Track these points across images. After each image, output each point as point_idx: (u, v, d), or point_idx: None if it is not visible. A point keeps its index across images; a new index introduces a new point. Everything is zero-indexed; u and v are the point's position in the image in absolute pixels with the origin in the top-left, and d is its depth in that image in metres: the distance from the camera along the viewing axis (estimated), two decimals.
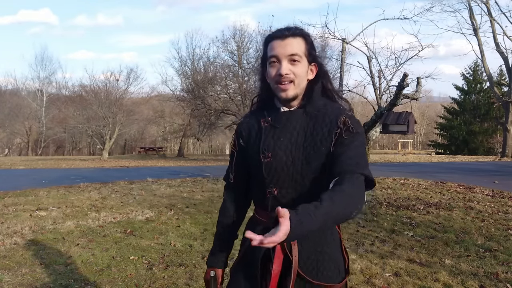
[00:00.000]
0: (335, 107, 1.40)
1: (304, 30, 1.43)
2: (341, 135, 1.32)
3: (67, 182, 10.90)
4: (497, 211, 6.65)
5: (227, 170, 1.59)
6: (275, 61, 1.36)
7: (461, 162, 19.86)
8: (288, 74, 1.34)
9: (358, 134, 1.34)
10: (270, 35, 1.40)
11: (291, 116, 1.40)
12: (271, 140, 1.40)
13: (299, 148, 1.36)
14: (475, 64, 34.61)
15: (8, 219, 5.95)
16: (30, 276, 3.64)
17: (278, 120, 1.41)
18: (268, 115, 1.43)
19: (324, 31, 8.76)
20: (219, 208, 1.69)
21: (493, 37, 22.76)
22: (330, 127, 1.34)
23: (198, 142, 41.21)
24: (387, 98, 8.57)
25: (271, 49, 1.37)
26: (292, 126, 1.38)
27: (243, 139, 1.50)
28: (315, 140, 1.35)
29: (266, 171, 1.39)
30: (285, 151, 1.37)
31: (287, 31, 1.37)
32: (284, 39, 1.35)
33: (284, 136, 1.38)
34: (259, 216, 1.47)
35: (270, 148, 1.39)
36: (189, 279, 3.64)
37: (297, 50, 1.35)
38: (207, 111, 25.66)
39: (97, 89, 30.25)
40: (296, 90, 1.37)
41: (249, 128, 1.48)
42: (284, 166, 1.37)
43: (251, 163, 1.46)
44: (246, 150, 1.48)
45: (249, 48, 24.87)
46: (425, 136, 49.23)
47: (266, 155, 1.39)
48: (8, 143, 42.87)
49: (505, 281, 3.59)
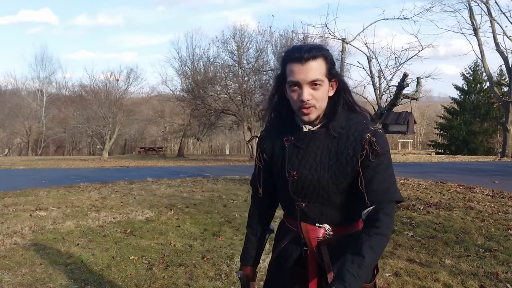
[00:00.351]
0: (357, 121, 1.39)
1: (324, 47, 1.38)
2: (368, 157, 1.32)
3: (67, 182, 10.90)
4: (497, 211, 6.65)
5: (253, 176, 1.61)
6: (296, 86, 1.34)
7: (461, 162, 19.86)
8: (310, 100, 1.32)
9: (384, 155, 1.34)
10: (289, 56, 1.35)
11: (314, 136, 1.39)
12: (295, 159, 1.41)
13: (324, 167, 1.37)
14: (475, 64, 34.60)
15: (8, 219, 5.95)
16: (30, 276, 3.64)
17: (301, 140, 1.41)
18: (290, 133, 1.43)
19: (324, 31, 8.77)
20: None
21: (493, 37, 22.75)
22: (355, 146, 1.34)
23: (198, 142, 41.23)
24: (387, 98, 8.57)
25: (291, 74, 1.33)
26: (316, 146, 1.39)
27: (267, 155, 1.51)
28: (340, 159, 1.36)
29: (292, 188, 1.41)
30: (310, 170, 1.38)
31: (307, 54, 1.31)
32: (304, 64, 1.31)
33: (308, 155, 1.39)
34: (290, 224, 1.51)
35: (295, 167, 1.40)
36: (189, 279, 3.64)
37: (319, 75, 1.32)
38: (207, 111, 25.67)
39: (97, 89, 30.27)
40: (318, 112, 1.37)
41: (272, 144, 1.48)
42: (310, 185, 1.39)
43: (277, 178, 1.49)
44: (270, 164, 1.51)
45: (249, 48, 24.90)
46: (425, 136, 49.22)
47: (291, 174, 1.41)
48: (8, 143, 42.87)
49: (505, 281, 3.58)
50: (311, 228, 1.42)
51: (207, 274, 3.73)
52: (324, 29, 8.65)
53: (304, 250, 1.44)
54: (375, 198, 1.31)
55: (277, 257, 1.53)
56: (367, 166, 1.33)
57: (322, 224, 1.42)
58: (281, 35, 23.07)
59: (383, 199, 1.32)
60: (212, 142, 47.87)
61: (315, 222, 1.42)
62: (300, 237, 1.44)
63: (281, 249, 1.51)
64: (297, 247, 1.46)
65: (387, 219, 1.30)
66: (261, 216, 1.63)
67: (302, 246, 1.45)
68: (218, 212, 6.51)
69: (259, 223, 1.63)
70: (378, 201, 1.31)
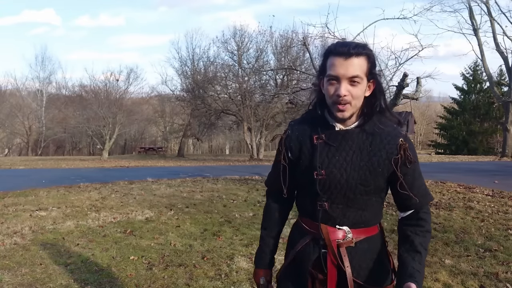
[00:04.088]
0: (390, 125, 1.40)
1: (368, 47, 1.37)
2: (405, 163, 1.36)
3: (67, 182, 10.90)
4: (497, 211, 6.65)
5: (269, 176, 1.60)
6: (335, 80, 1.33)
7: (461, 162, 19.86)
8: (346, 96, 1.32)
9: (417, 162, 1.41)
10: (334, 49, 1.34)
11: (347, 136, 1.38)
12: (326, 158, 1.39)
13: (355, 168, 1.36)
14: (475, 64, 34.63)
15: (8, 219, 5.95)
16: (30, 276, 3.64)
17: (333, 138, 1.39)
18: (321, 131, 1.41)
19: (324, 31, 8.77)
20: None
21: (493, 37, 22.75)
22: (388, 150, 1.36)
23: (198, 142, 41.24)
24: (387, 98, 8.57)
25: (332, 67, 1.33)
26: (348, 146, 1.38)
27: (292, 153, 1.47)
28: (372, 161, 1.36)
29: (320, 187, 1.39)
30: (340, 169, 1.37)
31: (353, 50, 1.31)
32: (347, 59, 1.31)
33: (339, 154, 1.38)
34: (307, 226, 1.47)
35: (325, 166, 1.38)
36: (189, 279, 3.64)
37: (359, 72, 1.32)
38: (207, 111, 25.67)
39: (97, 89, 30.31)
40: (353, 110, 1.36)
41: (300, 142, 1.45)
42: (337, 184, 1.38)
43: (302, 177, 1.45)
44: (295, 163, 1.47)
45: (249, 48, 24.90)
46: (425, 136, 49.25)
47: (320, 173, 1.39)
48: (8, 143, 42.87)
49: (505, 281, 3.58)
50: (331, 229, 1.40)
51: (207, 274, 3.73)
52: (324, 29, 8.67)
53: (323, 253, 1.41)
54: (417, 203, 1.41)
55: (294, 260, 1.49)
56: (405, 174, 1.38)
57: (342, 226, 1.41)
58: (281, 35, 23.10)
59: (425, 201, 1.42)
60: (212, 142, 47.87)
61: (335, 223, 1.41)
62: (318, 238, 1.42)
63: (298, 251, 1.47)
64: (316, 249, 1.43)
65: (428, 217, 1.43)
66: (278, 216, 1.60)
67: (320, 248, 1.42)
68: (218, 212, 6.51)
69: (276, 224, 1.60)
70: (420, 204, 1.41)
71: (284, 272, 1.53)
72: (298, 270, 1.47)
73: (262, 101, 23.44)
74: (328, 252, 1.40)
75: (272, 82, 25.01)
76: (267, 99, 22.12)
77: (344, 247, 1.39)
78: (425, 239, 1.38)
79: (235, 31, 24.98)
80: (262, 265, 1.60)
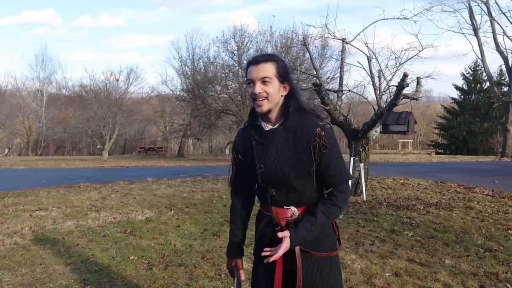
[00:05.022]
0: (308, 119, 1.69)
1: (277, 56, 1.74)
2: (320, 149, 1.64)
3: (67, 182, 10.91)
4: (497, 211, 6.65)
5: (230, 178, 1.90)
6: (251, 83, 1.66)
7: (461, 162, 19.87)
8: (261, 92, 1.63)
9: (333, 146, 1.67)
10: (249, 61, 1.71)
11: (274, 133, 1.69)
12: (261, 154, 1.70)
13: (284, 158, 1.67)
14: (475, 64, 34.61)
15: (8, 219, 5.96)
16: (30, 276, 3.64)
17: (264, 137, 1.71)
18: (255, 134, 1.73)
19: (324, 31, 8.77)
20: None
21: (493, 37, 22.79)
22: (307, 139, 1.65)
23: (198, 142, 41.25)
24: (387, 98, 8.57)
25: (249, 73, 1.67)
26: (276, 141, 1.68)
27: (240, 154, 1.80)
28: (297, 150, 1.66)
29: (262, 178, 1.72)
30: (274, 161, 1.68)
31: (260, 58, 1.67)
32: (257, 65, 1.65)
33: (271, 150, 1.69)
34: (264, 210, 1.81)
35: (262, 160, 1.70)
36: (189, 279, 3.64)
37: (268, 74, 1.63)
38: (207, 111, 25.65)
39: (97, 89, 30.27)
40: (270, 105, 1.66)
41: (244, 145, 1.78)
42: (275, 174, 1.68)
43: (251, 173, 1.76)
44: (244, 162, 1.79)
45: (249, 48, 24.85)
46: (425, 136, 49.22)
47: (259, 167, 1.70)
48: (8, 143, 42.86)
49: (505, 281, 3.59)
50: (280, 210, 1.72)
51: (207, 274, 3.73)
52: (324, 29, 8.67)
53: (276, 230, 1.70)
54: (332, 180, 1.69)
55: (257, 240, 1.82)
56: (321, 157, 1.65)
57: (289, 207, 1.71)
58: (281, 35, 23.07)
59: (339, 180, 1.69)
60: (212, 142, 47.85)
61: (283, 205, 1.72)
62: (272, 219, 1.74)
63: (259, 232, 1.80)
64: (270, 228, 1.75)
65: (340, 194, 1.68)
66: (242, 210, 1.90)
67: (274, 226, 1.73)
68: (218, 212, 6.51)
69: (241, 217, 1.90)
70: (335, 183, 1.69)
71: (255, 250, 1.85)
72: (261, 248, 1.73)
73: None
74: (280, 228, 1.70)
75: None
76: None
77: (292, 223, 1.69)
78: (329, 209, 1.66)
79: (235, 31, 24.96)
80: (233, 255, 1.89)
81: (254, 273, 1.84)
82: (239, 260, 1.89)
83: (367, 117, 23.19)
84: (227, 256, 1.91)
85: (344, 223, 5.81)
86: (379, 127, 8.37)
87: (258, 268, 1.80)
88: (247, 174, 1.80)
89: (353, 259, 4.11)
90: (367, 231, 5.33)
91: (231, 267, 1.89)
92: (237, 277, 1.89)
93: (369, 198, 7.90)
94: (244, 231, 1.90)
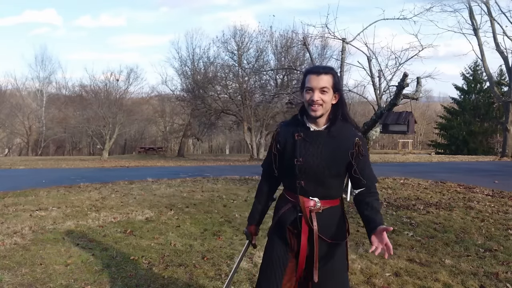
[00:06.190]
0: (350, 128, 1.99)
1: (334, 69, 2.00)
2: (358, 156, 1.95)
3: (67, 182, 10.90)
4: (497, 211, 6.65)
5: (265, 161, 2.18)
6: (311, 90, 1.93)
7: (461, 162, 19.86)
8: (318, 100, 1.91)
9: (367, 153, 2.01)
10: (309, 70, 1.99)
11: (319, 135, 1.97)
12: (303, 149, 1.97)
13: (322, 157, 1.94)
14: (475, 64, 34.59)
15: (8, 219, 5.95)
16: (30, 276, 3.64)
17: (308, 136, 1.98)
18: (300, 131, 1.99)
19: (324, 31, 8.78)
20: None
21: (493, 37, 22.74)
22: (347, 146, 1.94)
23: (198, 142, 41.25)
24: (387, 98, 8.58)
25: (308, 81, 1.94)
26: (319, 142, 1.96)
27: (280, 145, 2.05)
28: (335, 153, 1.94)
29: (298, 170, 1.97)
30: (312, 158, 1.95)
31: (322, 70, 1.95)
32: (318, 75, 1.93)
33: (312, 148, 1.96)
34: (289, 197, 2.05)
35: (302, 155, 1.96)
36: (189, 279, 3.64)
37: (327, 84, 1.92)
38: (207, 111, 25.67)
39: (97, 89, 30.29)
40: (323, 111, 1.94)
41: (286, 137, 2.03)
42: (310, 168, 1.96)
43: (286, 162, 2.02)
44: (282, 152, 2.05)
45: (249, 48, 24.88)
46: (425, 136, 49.20)
47: (298, 160, 1.96)
48: (8, 143, 42.87)
49: (505, 281, 3.59)
50: (306, 200, 1.98)
51: (207, 274, 3.73)
52: (324, 29, 8.67)
53: (299, 216, 1.99)
54: (367, 182, 2.00)
55: (278, 220, 2.06)
56: (358, 163, 1.96)
57: (313, 198, 1.98)
58: (281, 35, 23.07)
59: (373, 180, 2.04)
60: (212, 142, 47.87)
61: (309, 195, 1.98)
62: (296, 205, 2.01)
63: (282, 214, 2.04)
64: (294, 212, 2.01)
65: (377, 193, 2.04)
66: (268, 190, 2.22)
67: (297, 212, 2.00)
68: (218, 212, 6.51)
69: (265, 195, 2.22)
70: (369, 185, 2.01)
71: (272, 230, 2.10)
72: (281, 227, 2.04)
73: (262, 101, 23.44)
74: (303, 215, 1.98)
75: (272, 82, 25.00)
76: (267, 99, 22.13)
77: (314, 212, 1.98)
78: (378, 204, 2.00)
79: (235, 31, 24.99)
80: (252, 221, 2.23)
81: (267, 253, 2.08)
82: (256, 227, 2.23)
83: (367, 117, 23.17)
84: (248, 221, 2.24)
85: None
86: (379, 127, 8.37)
87: (273, 248, 2.06)
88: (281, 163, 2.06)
89: (353, 259, 4.11)
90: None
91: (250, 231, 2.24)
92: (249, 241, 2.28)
93: None
94: (264, 208, 2.22)
